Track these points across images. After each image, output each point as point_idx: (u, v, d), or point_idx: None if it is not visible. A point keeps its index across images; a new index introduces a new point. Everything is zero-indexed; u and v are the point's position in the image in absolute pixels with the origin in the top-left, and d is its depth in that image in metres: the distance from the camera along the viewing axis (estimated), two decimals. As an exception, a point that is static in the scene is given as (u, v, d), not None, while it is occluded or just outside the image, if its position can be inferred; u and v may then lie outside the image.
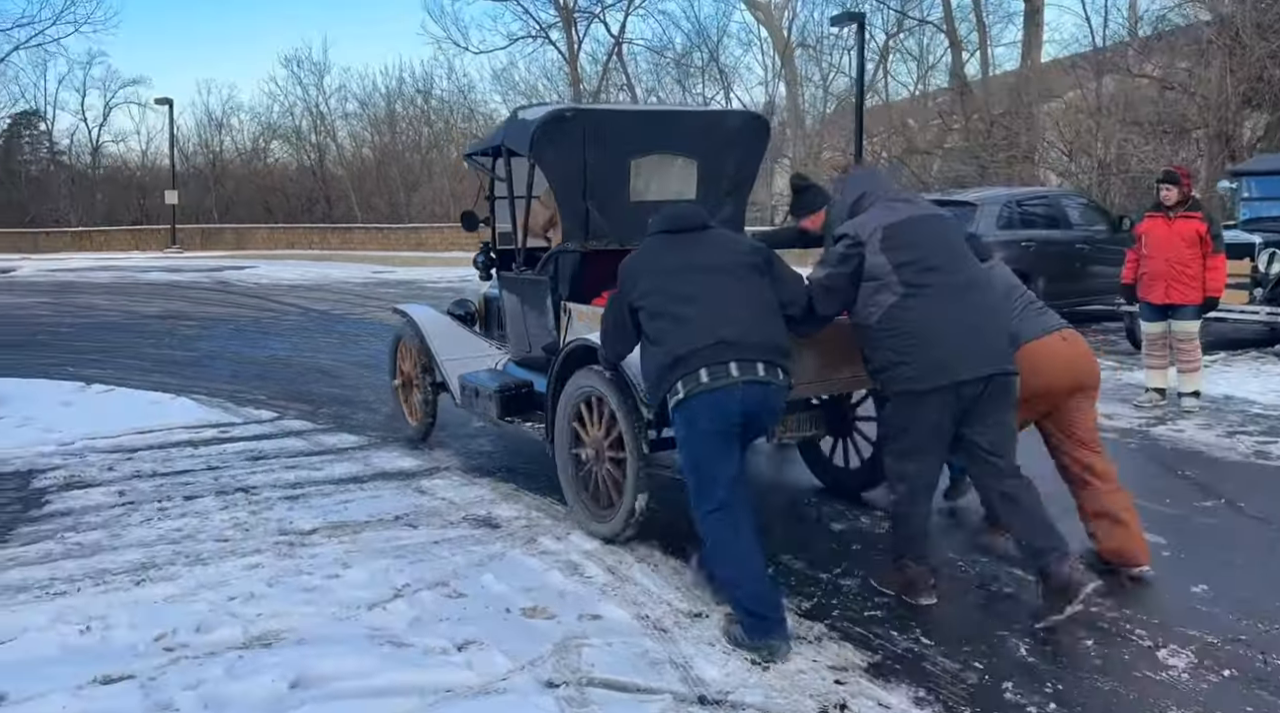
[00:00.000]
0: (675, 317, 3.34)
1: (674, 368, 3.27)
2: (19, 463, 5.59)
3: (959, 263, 3.50)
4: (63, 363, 9.49)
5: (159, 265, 25.27)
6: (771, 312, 3.46)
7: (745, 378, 3.22)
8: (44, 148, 37.74)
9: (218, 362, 9.58)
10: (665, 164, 4.87)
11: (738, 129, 5.03)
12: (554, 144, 4.57)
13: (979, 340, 3.38)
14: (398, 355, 6.20)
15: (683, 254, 3.48)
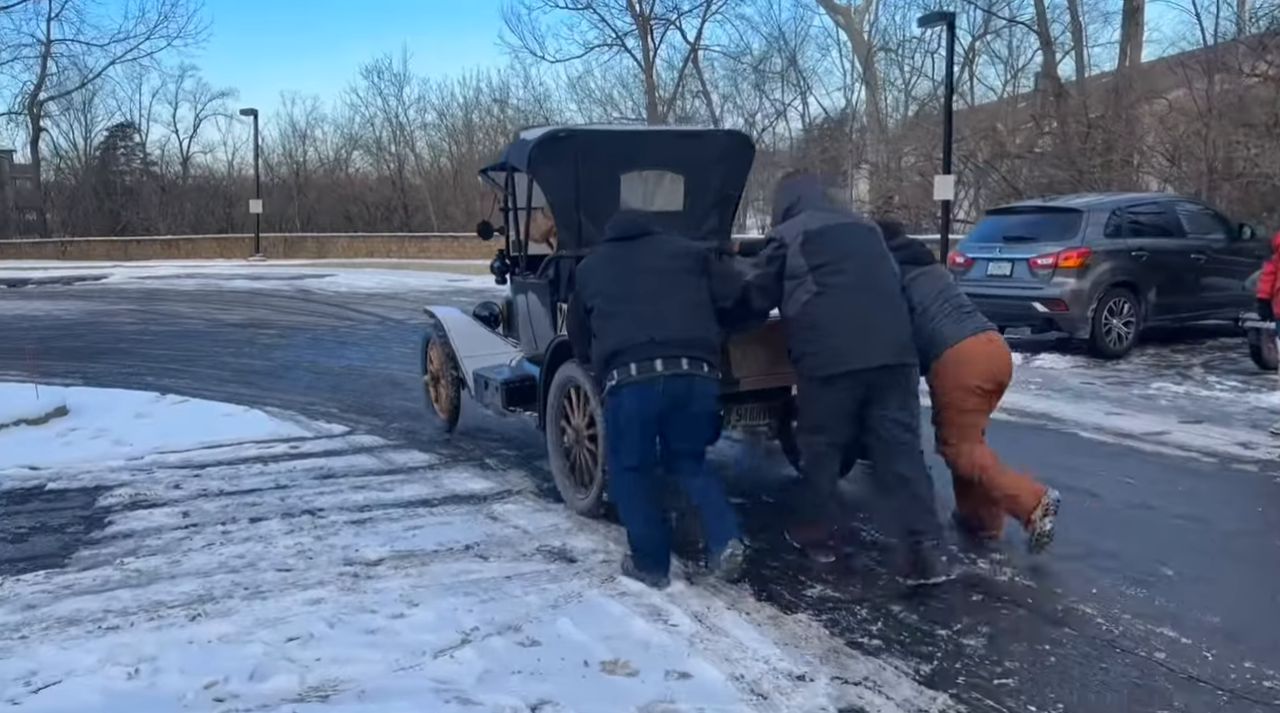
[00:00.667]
0: (614, 316, 3.85)
1: (610, 361, 3.81)
2: (87, 478, 5.47)
3: (866, 268, 3.93)
4: (142, 372, 9.52)
5: (242, 273, 25.78)
6: (701, 311, 3.91)
7: (669, 372, 3.73)
8: (137, 159, 39.07)
9: (293, 372, 9.50)
10: (654, 178, 5.29)
11: (723, 147, 5.44)
12: (549, 161, 5.01)
13: (873, 335, 3.79)
14: (428, 352, 6.69)
15: (627, 259, 3.96)
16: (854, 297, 3.85)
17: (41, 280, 24.88)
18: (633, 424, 3.80)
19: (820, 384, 3.85)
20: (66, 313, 15.71)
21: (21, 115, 37.02)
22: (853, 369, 3.77)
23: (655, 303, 3.83)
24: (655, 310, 3.81)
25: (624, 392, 3.78)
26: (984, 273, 9.73)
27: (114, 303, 17.64)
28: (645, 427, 3.81)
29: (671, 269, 3.94)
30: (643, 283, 3.88)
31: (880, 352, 3.80)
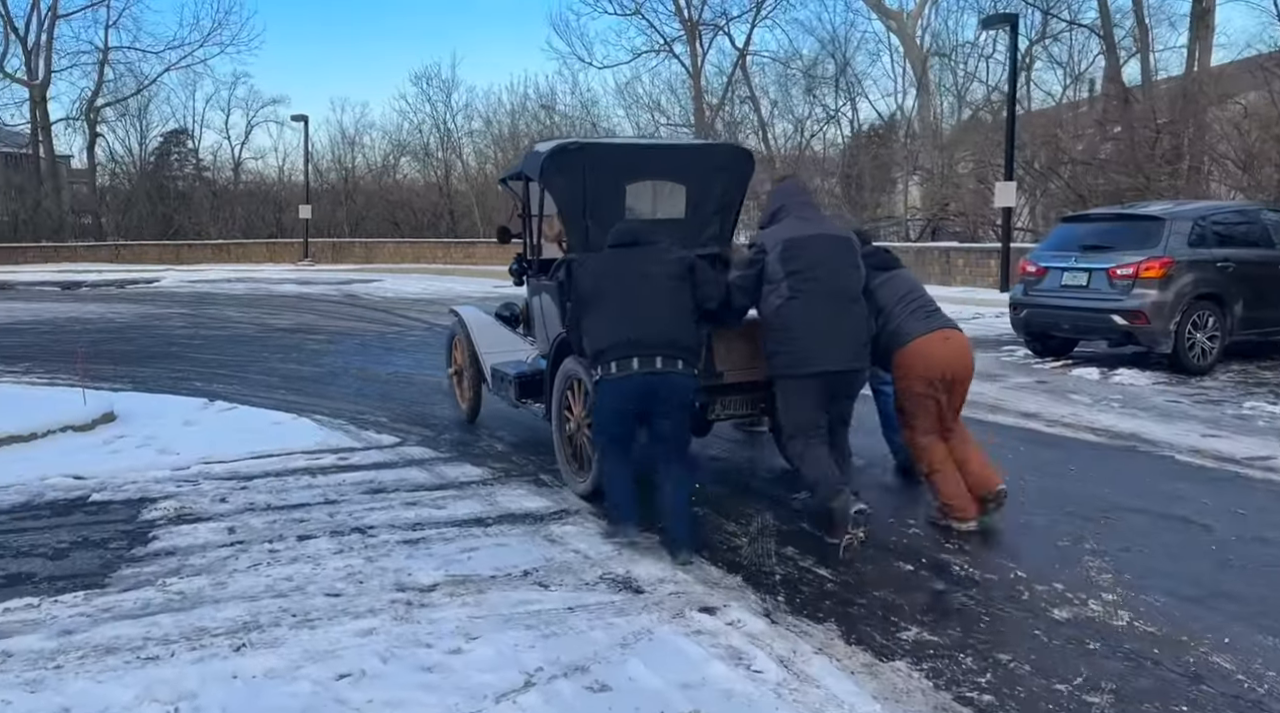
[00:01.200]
0: (601, 317, 4.29)
1: (596, 358, 4.27)
2: (132, 489, 5.29)
3: (836, 277, 4.27)
4: (191, 377, 9.42)
5: (291, 277, 25.93)
6: (681, 315, 4.31)
7: (644, 370, 4.15)
8: (190, 164, 39.68)
9: (342, 378, 9.33)
10: (657, 188, 5.67)
11: (723, 160, 5.77)
12: (560, 171, 5.36)
13: (835, 342, 4.17)
14: (452, 349, 7.22)
15: (618, 265, 4.37)
16: (822, 304, 4.22)
17: (95, 283, 25.24)
18: (613, 414, 4.30)
19: (790, 381, 4.31)
20: (118, 316, 15.80)
21: (79, 121, 37.80)
22: (815, 371, 4.21)
23: (638, 306, 4.26)
24: (637, 313, 4.25)
25: (605, 386, 4.26)
26: (1058, 283, 9.27)
27: (165, 306, 17.74)
28: (624, 417, 4.31)
29: (659, 275, 4.35)
30: (630, 287, 4.31)
31: (840, 357, 4.24)
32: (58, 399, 7.25)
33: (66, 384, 9.03)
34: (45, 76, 36.20)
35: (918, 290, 4.67)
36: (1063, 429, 6.68)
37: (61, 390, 7.79)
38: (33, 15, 36.08)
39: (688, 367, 4.28)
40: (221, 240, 32.51)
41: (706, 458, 5.85)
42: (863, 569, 4.01)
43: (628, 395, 4.23)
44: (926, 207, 20.59)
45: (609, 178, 5.42)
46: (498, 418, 7.06)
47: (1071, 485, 5.25)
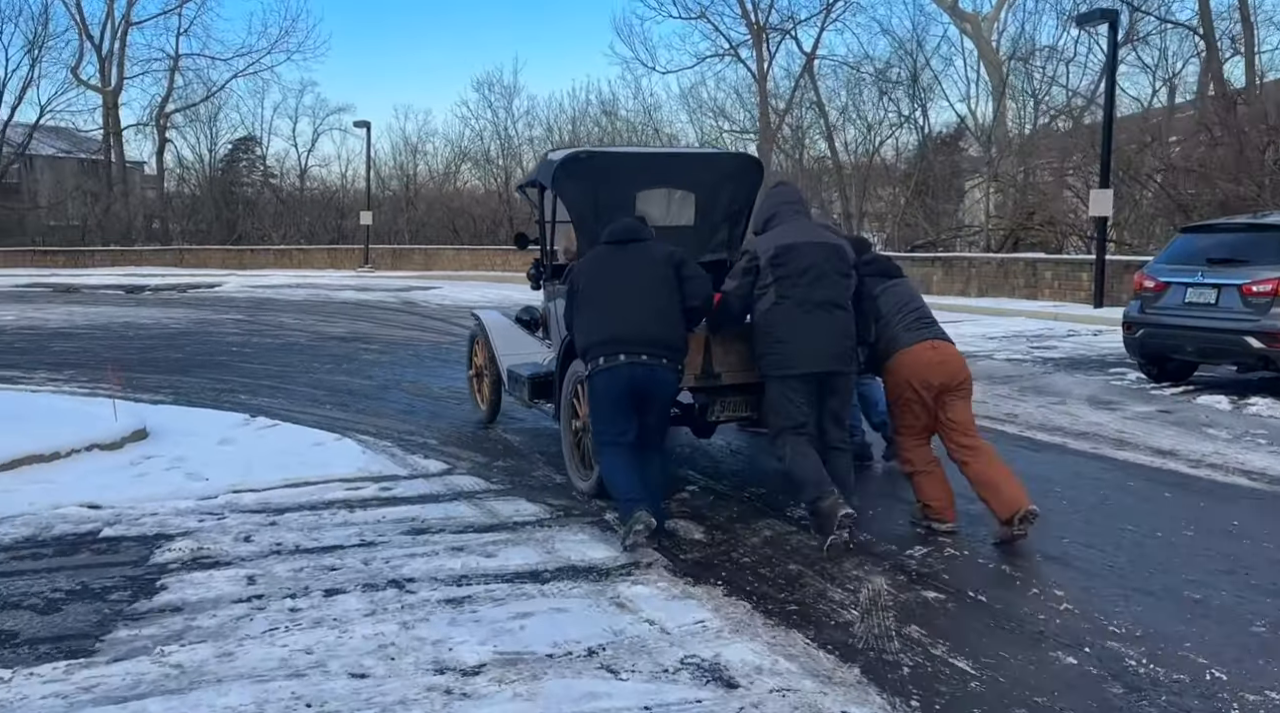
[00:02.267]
0: (593, 313, 4.42)
1: (587, 352, 4.39)
2: (150, 523, 4.71)
3: (823, 283, 4.34)
4: (236, 389, 8.94)
5: (351, 284, 25.75)
6: (667, 313, 4.40)
7: (629, 362, 4.26)
8: (258, 171, 40.07)
9: (391, 393, 8.76)
10: (667, 196, 5.75)
11: (732, 168, 5.90)
12: (572, 179, 5.51)
13: (819, 346, 4.27)
14: (473, 351, 7.38)
15: (611, 263, 4.50)
16: (809, 308, 4.32)
17: (158, 287, 25.35)
18: (606, 404, 4.39)
19: (776, 382, 4.40)
20: (174, 321, 15.57)
21: (149, 126, 38.39)
22: (799, 373, 4.32)
23: (625, 304, 4.38)
24: (625, 311, 4.37)
25: (595, 378, 4.38)
26: (1180, 300, 8.30)
27: (222, 311, 17.51)
28: (617, 405, 4.36)
29: (649, 274, 4.46)
30: (619, 285, 4.44)
31: (822, 360, 4.32)
32: (89, 414, 6.77)
33: (106, 394, 8.60)
34: (118, 83, 36.86)
35: (915, 301, 4.79)
36: (1209, 471, 5.77)
37: (97, 403, 7.31)
38: (107, 23, 36.81)
39: (672, 364, 4.41)
40: (284, 246, 32.58)
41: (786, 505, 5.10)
42: (1009, 660, 3.22)
43: (618, 384, 4.34)
44: (1005, 214, 19.46)
45: (619, 185, 5.56)
46: (557, 444, 6.39)
47: (1244, 547, 4.37)
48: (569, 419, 5.29)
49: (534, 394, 5.98)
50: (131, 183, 38.73)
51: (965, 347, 12.23)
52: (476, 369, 7.38)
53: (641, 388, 4.34)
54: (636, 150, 7.72)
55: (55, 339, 12.95)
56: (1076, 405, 7.83)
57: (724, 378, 4.92)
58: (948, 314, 15.86)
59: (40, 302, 20.23)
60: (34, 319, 15.92)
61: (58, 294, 22.76)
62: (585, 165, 5.57)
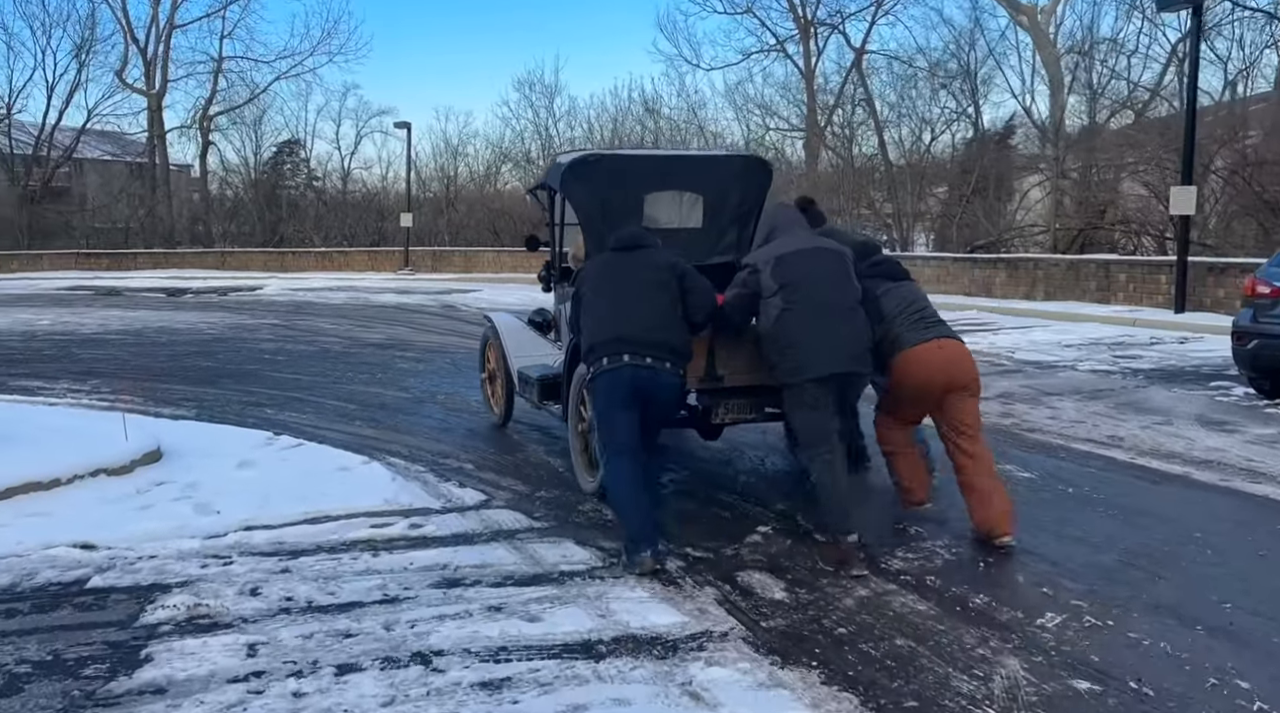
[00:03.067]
0: (597, 316, 4.49)
1: (589, 354, 4.43)
2: (146, 568, 4.12)
3: (829, 288, 4.42)
4: (263, 402, 8.39)
5: (391, 286, 25.37)
6: (670, 318, 4.43)
7: (633, 364, 4.28)
8: (302, 174, 40.04)
9: (426, 407, 8.16)
10: (675, 198, 5.72)
11: (740, 170, 5.83)
12: (580, 182, 5.50)
13: (830, 348, 4.29)
14: (486, 353, 7.36)
15: (616, 269, 4.58)
16: (815, 314, 4.33)
17: (199, 290, 25.19)
18: (611, 407, 4.33)
19: (793, 388, 4.36)
20: (209, 326, 15.18)
21: (192, 129, 38.48)
22: (818, 376, 4.27)
23: (630, 307, 4.39)
24: (628, 313, 4.37)
25: (599, 380, 4.34)
26: (1302, 308, 7.42)
27: (260, 316, 17.13)
28: (622, 408, 4.30)
29: (652, 280, 4.46)
30: (624, 289, 4.45)
31: (835, 362, 4.28)
32: (100, 433, 6.22)
33: (127, 408, 8.12)
34: (162, 86, 36.97)
35: (920, 301, 4.79)
36: (1371, 512, 4.94)
37: (111, 419, 6.77)
38: (151, 27, 36.94)
39: (675, 367, 4.39)
40: (325, 248, 32.37)
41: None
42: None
43: (619, 386, 4.30)
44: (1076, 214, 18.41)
45: (627, 188, 5.55)
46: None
47: None
48: (576, 421, 5.32)
49: (543, 396, 6.00)
50: (176, 185, 38.87)
51: (1042, 356, 11.45)
52: (489, 372, 7.37)
53: (644, 390, 4.32)
54: (644, 153, 7.62)
55: (85, 346, 12.57)
56: (1186, 426, 6.99)
57: (727, 380, 4.99)
58: (1014, 319, 15.00)
59: (79, 305, 20.05)
60: (68, 324, 15.63)
61: (99, 297, 22.64)
62: (593, 168, 5.58)
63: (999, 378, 9.25)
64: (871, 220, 27.39)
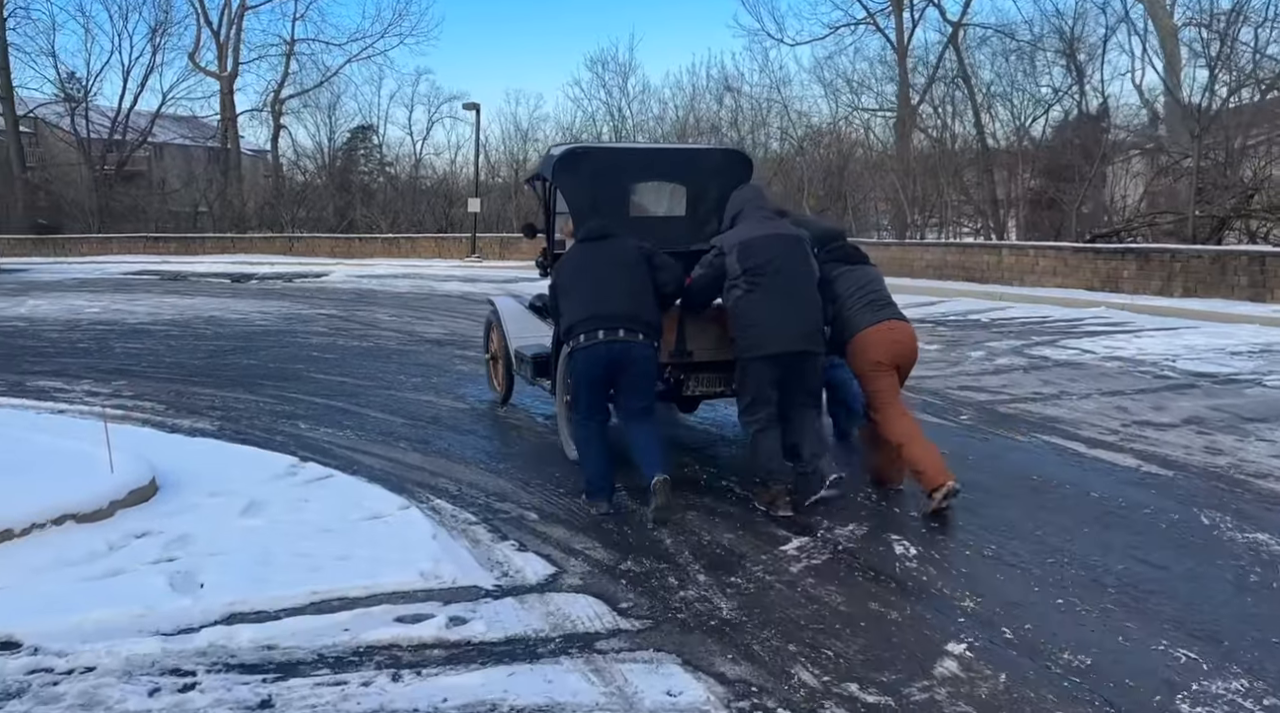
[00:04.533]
0: (573, 298, 4.84)
1: (568, 332, 4.80)
2: (73, 694, 2.87)
3: (788, 272, 4.74)
4: (298, 412, 7.22)
5: (457, 274, 24.36)
6: (641, 295, 4.80)
7: (608, 339, 4.64)
8: (374, 159, 39.48)
9: (485, 425, 6.89)
10: (659, 189, 6.32)
11: (719, 163, 6.20)
12: (569, 172, 5.87)
13: (785, 328, 4.66)
14: (489, 335, 7.54)
15: (589, 256, 4.96)
16: (774, 296, 4.68)
17: (264, 276, 24.54)
18: (584, 381, 4.77)
19: (748, 363, 4.76)
20: (262, 317, 14.22)
21: (264, 112, 38.13)
22: (769, 353, 4.66)
23: (603, 288, 4.77)
24: (602, 294, 4.75)
25: (576, 356, 4.75)
26: None
27: (317, 306, 16.17)
28: (594, 384, 4.75)
29: (622, 262, 4.87)
30: (597, 274, 4.85)
31: (790, 341, 4.66)
32: (89, 459, 5.05)
33: (146, 416, 7.02)
34: (233, 69, 36.65)
35: (874, 284, 5.07)
36: None
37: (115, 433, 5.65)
38: (224, 9, 36.61)
39: (648, 339, 4.73)
40: (392, 234, 31.59)
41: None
42: None
43: (595, 361, 4.67)
44: (1217, 199, 16.32)
45: (614, 179, 5.87)
46: (711, 527, 4.34)
47: None
48: (563, 395, 5.52)
49: (536, 373, 6.25)
50: (249, 170, 38.61)
51: (1210, 366, 9.47)
52: (492, 352, 7.56)
53: (619, 361, 4.66)
54: (631, 146, 7.81)
55: (126, 338, 11.66)
56: None
57: (696, 355, 5.29)
58: (1155, 319, 13.10)
59: (139, 291, 19.43)
60: (118, 312, 14.85)
61: (162, 282, 22.09)
62: (582, 160, 5.87)
63: (1174, 397, 7.60)
64: (965, 206, 25.48)
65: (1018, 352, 10.21)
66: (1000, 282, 17.50)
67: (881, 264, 21.14)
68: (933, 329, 12.17)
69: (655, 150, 6.96)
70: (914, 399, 7.63)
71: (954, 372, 8.93)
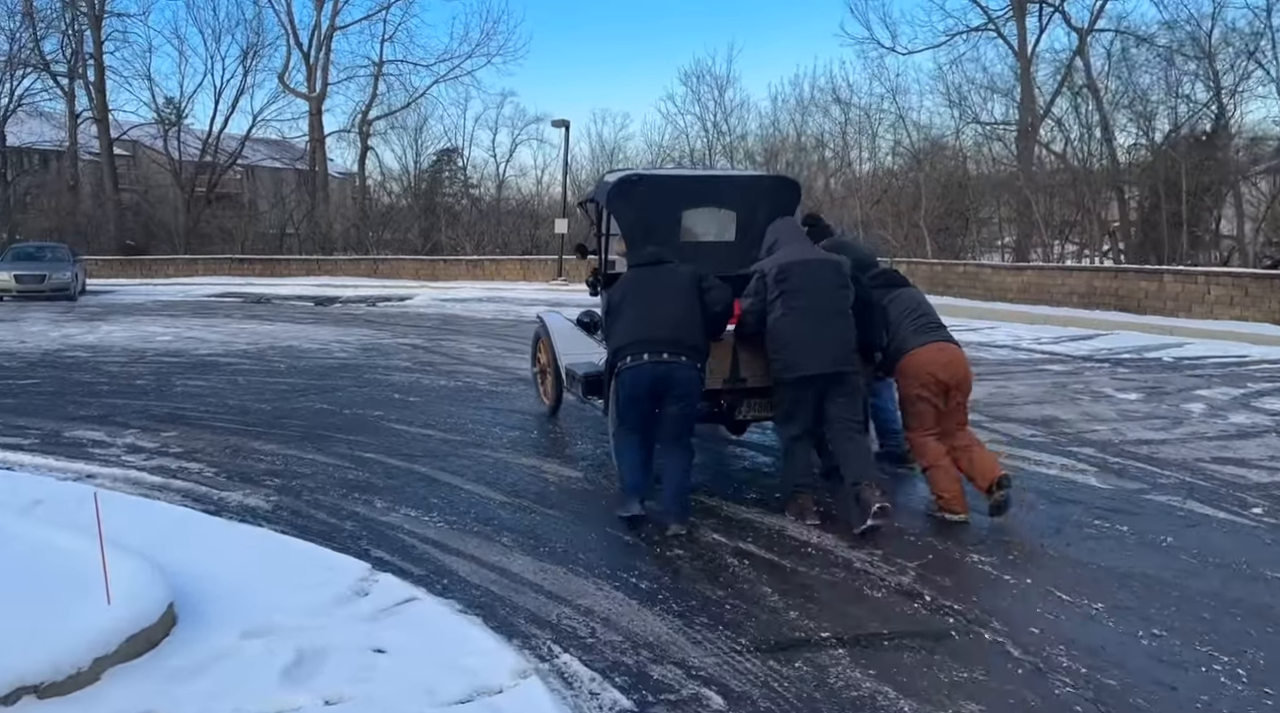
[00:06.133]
0: (623, 321, 5.03)
1: (615, 354, 4.99)
2: None
3: (822, 295, 4.94)
4: (374, 481, 5.77)
5: (543, 298, 23.04)
6: (689, 320, 4.97)
7: (652, 361, 4.82)
8: (459, 182, 38.80)
9: (607, 502, 5.32)
10: (710, 214, 6.43)
11: (770, 188, 6.49)
12: (624, 199, 6.13)
13: (819, 350, 4.82)
14: (537, 349, 7.87)
15: (641, 281, 5.13)
16: (808, 318, 4.87)
17: (348, 299, 23.66)
18: (627, 399, 4.91)
19: (785, 384, 4.94)
20: (343, 346, 12.99)
21: (351, 133, 37.76)
22: (804, 375, 4.83)
23: (652, 313, 4.94)
24: (650, 318, 4.92)
25: (623, 375, 4.90)
26: None
27: (401, 332, 14.94)
28: (637, 402, 4.88)
29: (673, 288, 5.02)
30: (647, 298, 5.00)
31: (823, 362, 4.82)
32: (78, 579, 3.61)
33: (189, 485, 5.65)
34: (322, 89, 36.34)
35: (923, 307, 5.25)
36: None
37: (144, 515, 4.25)
38: (314, 31, 36.38)
39: (691, 361, 4.86)
40: (477, 256, 30.57)
41: None
42: None
43: (639, 380, 4.82)
44: None
45: (665, 204, 6.14)
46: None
47: None
48: (614, 415, 5.35)
49: (587, 391, 6.29)
50: (334, 191, 38.28)
51: None
52: (541, 367, 7.79)
53: (663, 382, 4.81)
54: (682, 173, 7.97)
55: (191, 373, 10.46)
56: None
57: (749, 381, 5.38)
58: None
59: (218, 315, 18.57)
60: (190, 340, 13.82)
61: (244, 306, 21.30)
62: (635, 186, 6.11)
63: None
64: (1094, 227, 23.19)
65: (1244, 404, 8.24)
66: (1162, 312, 15.31)
67: (1013, 291, 18.82)
68: (1113, 371, 10.23)
69: (706, 177, 7.09)
70: (1160, 476, 5.81)
71: (1185, 434, 7.04)
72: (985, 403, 8.36)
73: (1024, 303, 17.50)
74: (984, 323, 15.93)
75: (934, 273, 20.73)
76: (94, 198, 37.48)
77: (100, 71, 34.79)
